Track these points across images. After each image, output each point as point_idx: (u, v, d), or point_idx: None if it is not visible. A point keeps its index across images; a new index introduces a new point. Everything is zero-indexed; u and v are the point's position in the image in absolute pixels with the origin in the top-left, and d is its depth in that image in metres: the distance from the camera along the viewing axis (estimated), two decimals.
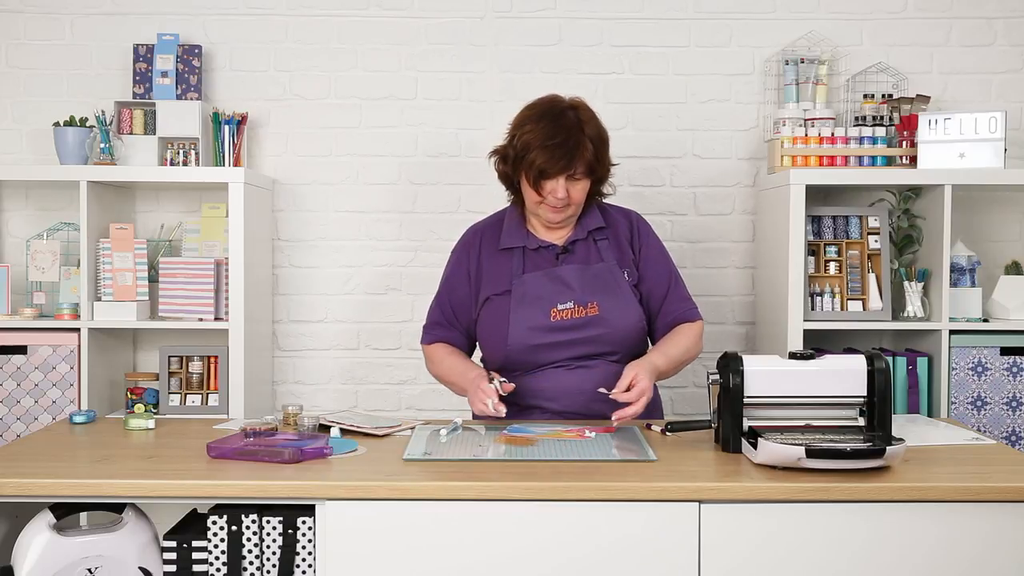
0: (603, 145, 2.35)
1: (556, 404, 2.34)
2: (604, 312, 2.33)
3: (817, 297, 3.04)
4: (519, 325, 2.32)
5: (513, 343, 2.32)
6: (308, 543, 1.84)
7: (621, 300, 2.35)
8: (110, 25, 3.32)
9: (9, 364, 3.03)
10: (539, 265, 2.38)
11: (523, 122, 2.34)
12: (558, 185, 2.28)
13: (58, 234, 3.21)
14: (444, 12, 3.34)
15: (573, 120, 2.30)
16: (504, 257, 2.41)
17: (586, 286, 2.35)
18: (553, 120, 2.30)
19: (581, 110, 2.34)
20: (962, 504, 1.79)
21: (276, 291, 3.38)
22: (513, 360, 2.34)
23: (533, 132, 2.29)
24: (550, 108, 2.33)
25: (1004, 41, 3.32)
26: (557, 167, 2.27)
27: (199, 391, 3.11)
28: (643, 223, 2.49)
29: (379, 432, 2.19)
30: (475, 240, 2.47)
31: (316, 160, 3.36)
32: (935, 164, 3.01)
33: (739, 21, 3.34)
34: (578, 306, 2.33)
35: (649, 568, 1.78)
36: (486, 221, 2.52)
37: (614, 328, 2.33)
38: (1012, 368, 2.99)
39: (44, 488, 1.82)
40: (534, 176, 2.29)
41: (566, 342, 2.32)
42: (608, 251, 2.40)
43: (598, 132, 2.34)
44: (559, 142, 2.26)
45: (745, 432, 2.00)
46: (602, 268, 2.38)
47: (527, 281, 2.36)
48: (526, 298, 2.34)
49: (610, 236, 2.42)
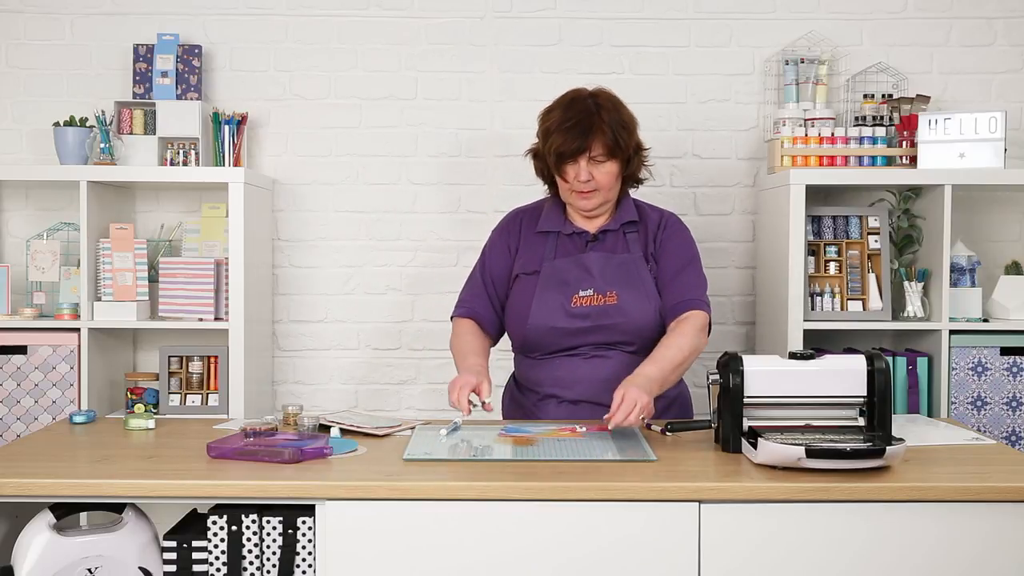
0: (624, 128, 2.36)
1: (571, 393, 2.38)
2: (622, 302, 2.36)
3: (817, 297, 3.04)
4: (541, 307, 2.38)
5: (533, 323, 2.38)
6: (308, 543, 1.84)
7: (641, 292, 2.37)
8: (110, 25, 3.32)
9: (9, 364, 3.03)
10: (569, 251, 2.43)
11: (547, 112, 2.42)
12: (580, 168, 2.33)
13: (58, 234, 3.21)
14: (444, 12, 3.34)
15: (590, 105, 2.36)
16: (540, 239, 2.47)
17: (608, 275, 2.39)
18: (570, 106, 2.37)
19: (601, 97, 2.39)
20: (962, 504, 1.79)
21: (276, 291, 3.38)
22: (532, 341, 2.40)
23: (552, 119, 2.37)
24: (570, 97, 2.41)
25: (1004, 41, 3.32)
26: (572, 147, 2.32)
27: (199, 391, 3.10)
28: (675, 221, 2.51)
29: (379, 432, 2.19)
30: (516, 219, 2.54)
31: (316, 160, 3.36)
32: (935, 164, 3.01)
33: (739, 21, 3.34)
34: (598, 294, 2.37)
35: (649, 568, 1.78)
36: (528, 205, 2.58)
37: (630, 319, 2.35)
38: (1012, 368, 2.99)
39: (44, 488, 1.82)
40: (554, 160, 2.36)
41: (584, 328, 2.36)
42: (635, 243, 2.43)
43: (619, 116, 2.37)
44: (573, 124, 2.32)
45: (745, 432, 2.00)
46: (627, 259, 2.41)
47: (556, 265, 2.41)
48: (551, 281, 2.39)
49: (640, 230, 2.46)
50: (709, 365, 3.06)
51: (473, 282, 2.54)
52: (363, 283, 3.38)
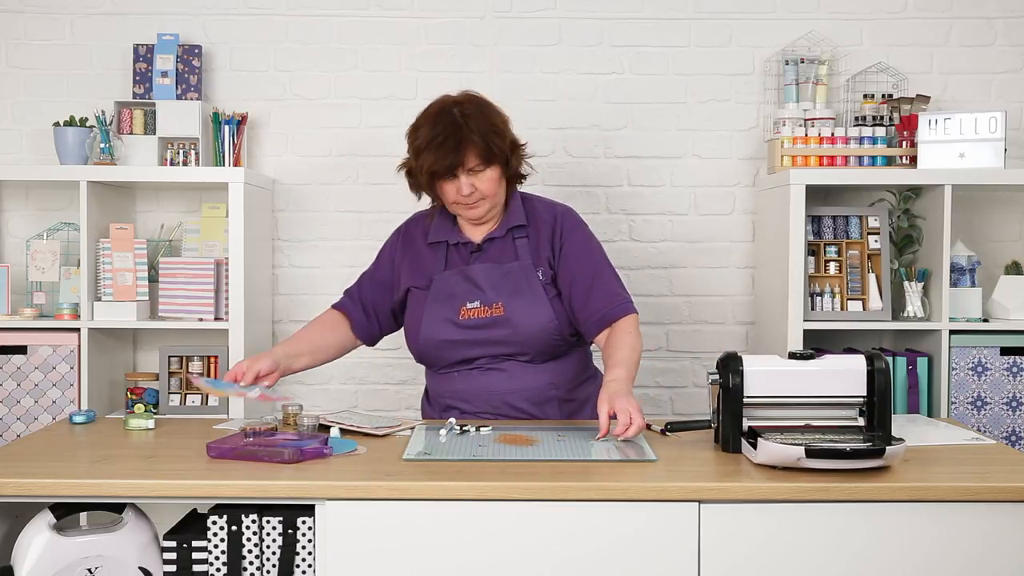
0: (495, 133, 2.29)
1: (470, 406, 2.37)
2: (509, 312, 2.31)
3: (817, 297, 3.04)
4: (431, 321, 2.35)
5: (424, 338, 2.36)
6: (308, 543, 1.84)
7: (529, 300, 2.32)
8: (110, 25, 3.32)
9: (9, 364, 3.03)
10: (456, 262, 2.40)
11: (414, 129, 2.35)
12: (460, 183, 2.28)
13: (58, 234, 3.21)
14: (444, 12, 3.34)
15: (456, 116, 2.28)
16: (431, 250, 2.43)
17: (494, 286, 2.34)
18: (436, 120, 2.29)
19: (466, 105, 2.31)
20: (962, 504, 1.79)
21: (276, 291, 3.38)
22: (427, 354, 2.40)
23: (421, 138, 2.31)
24: (435, 110, 2.33)
25: (1004, 41, 3.32)
26: (444, 165, 2.26)
27: (199, 391, 3.10)
28: (569, 219, 2.43)
29: (379, 432, 2.19)
30: (410, 228, 2.50)
31: (316, 160, 3.36)
32: (935, 164, 3.01)
33: (739, 21, 3.34)
34: (484, 306, 2.33)
35: (649, 568, 1.78)
36: (427, 211, 2.51)
37: (519, 329, 2.31)
38: (1012, 368, 2.99)
39: (44, 488, 1.82)
40: (426, 179, 2.31)
41: (474, 341, 2.33)
42: (524, 249, 2.37)
43: (487, 122, 2.29)
44: (442, 141, 2.26)
45: (745, 432, 2.00)
46: (514, 267, 2.36)
47: (445, 278, 2.38)
48: (439, 295, 2.36)
49: (530, 234, 2.39)
50: (709, 365, 3.05)
51: (361, 280, 2.52)
52: None
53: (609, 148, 3.35)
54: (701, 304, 3.38)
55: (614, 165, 3.34)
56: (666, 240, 3.36)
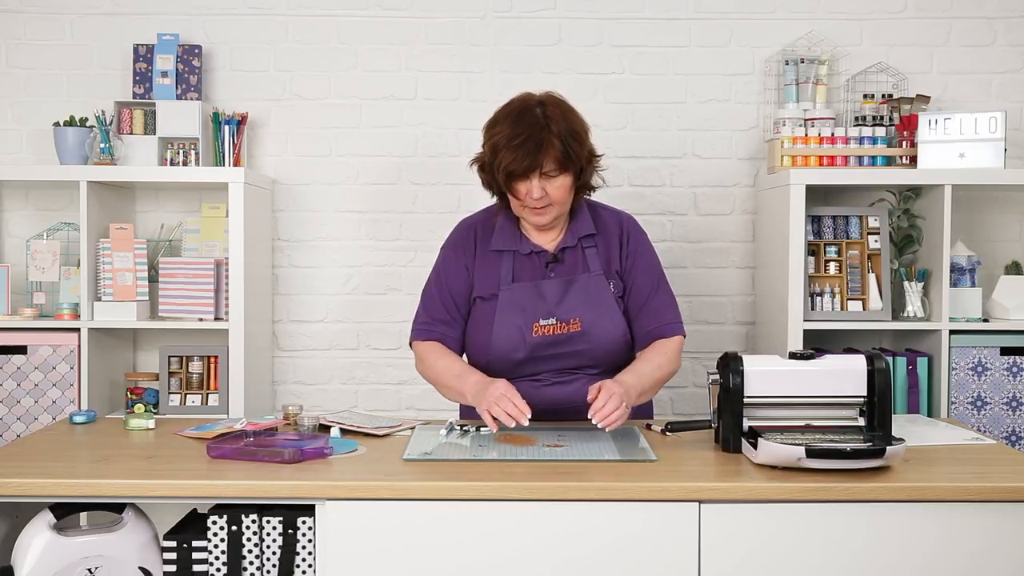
0: (575, 139, 2.23)
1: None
2: (587, 327, 2.27)
3: (817, 297, 3.04)
4: (502, 335, 2.28)
5: (495, 352, 2.28)
6: (308, 543, 1.84)
7: (604, 313, 2.28)
8: (110, 25, 3.32)
9: (9, 364, 3.03)
10: (528, 272, 2.33)
11: (493, 124, 2.29)
12: (532, 185, 2.21)
13: (58, 234, 3.21)
14: (444, 12, 3.34)
15: (539, 117, 2.22)
16: (494, 258, 2.35)
17: (569, 301, 2.28)
18: (518, 119, 2.23)
19: (549, 106, 2.24)
20: (962, 504, 1.79)
21: (276, 291, 3.38)
22: (494, 368, 2.29)
23: (500, 133, 2.24)
24: (517, 107, 2.26)
25: (1004, 41, 3.32)
26: (523, 166, 2.19)
27: (199, 391, 3.11)
28: (635, 229, 2.41)
29: (379, 432, 2.19)
30: (469, 236, 2.40)
31: (316, 160, 3.36)
32: (935, 164, 3.01)
33: (739, 21, 3.34)
34: (560, 322, 2.27)
35: (649, 568, 1.78)
36: (477, 217, 2.44)
37: (597, 343, 2.28)
38: (1012, 368, 2.99)
39: (44, 488, 1.82)
40: (503, 178, 2.23)
41: (547, 356, 2.28)
42: (595, 259, 2.33)
43: (568, 126, 2.23)
44: (522, 141, 2.19)
45: (745, 432, 2.00)
46: (587, 280, 2.31)
47: (514, 290, 2.30)
48: (511, 308, 2.29)
49: (599, 243, 2.35)
50: (709, 365, 3.05)
51: (431, 303, 2.38)
52: (363, 283, 3.38)
53: (609, 148, 3.34)
54: (701, 304, 3.39)
55: (614, 165, 3.34)
56: (666, 240, 3.36)
